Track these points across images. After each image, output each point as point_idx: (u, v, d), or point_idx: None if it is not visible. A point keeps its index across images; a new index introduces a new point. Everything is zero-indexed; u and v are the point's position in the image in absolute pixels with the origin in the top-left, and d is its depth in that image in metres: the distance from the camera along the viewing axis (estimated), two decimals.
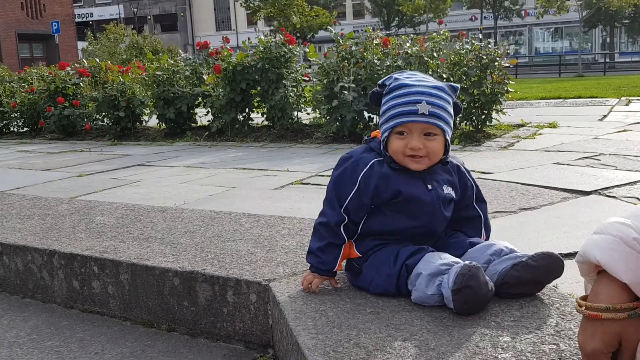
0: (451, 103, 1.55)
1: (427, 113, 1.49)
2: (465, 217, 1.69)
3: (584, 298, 1.09)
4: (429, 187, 1.56)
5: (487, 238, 1.71)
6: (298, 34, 32.21)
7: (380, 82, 1.61)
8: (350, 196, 1.56)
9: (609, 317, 1.02)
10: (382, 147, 1.58)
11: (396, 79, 1.56)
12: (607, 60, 32.63)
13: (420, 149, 1.51)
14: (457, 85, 1.58)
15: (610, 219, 1.08)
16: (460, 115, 5.58)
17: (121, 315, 2.10)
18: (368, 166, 1.56)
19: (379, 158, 1.57)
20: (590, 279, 1.10)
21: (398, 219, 1.57)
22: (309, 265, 1.63)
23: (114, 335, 1.96)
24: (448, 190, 1.60)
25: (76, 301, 2.22)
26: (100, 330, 2.01)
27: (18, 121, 9.27)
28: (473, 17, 43.90)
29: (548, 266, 1.46)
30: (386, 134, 1.56)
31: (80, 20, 50.82)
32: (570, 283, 1.72)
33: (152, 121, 7.77)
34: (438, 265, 1.45)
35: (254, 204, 3.14)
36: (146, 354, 1.81)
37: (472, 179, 1.69)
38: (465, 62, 5.67)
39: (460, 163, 1.67)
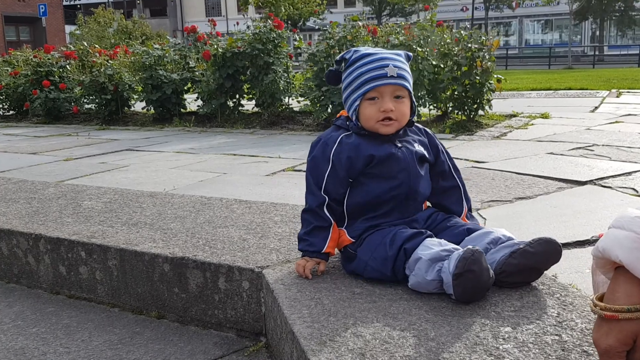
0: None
1: (396, 75, 1.55)
2: (445, 187, 1.70)
3: (600, 298, 1.06)
4: (399, 145, 1.60)
5: (470, 209, 1.73)
6: (289, 22, 31.98)
7: (338, 57, 1.65)
8: (326, 175, 1.58)
9: (626, 317, 0.99)
10: (353, 118, 1.61)
11: (356, 50, 1.62)
12: (597, 52, 32.75)
13: (393, 111, 1.55)
14: (410, 54, 1.64)
15: (630, 211, 1.04)
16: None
17: (109, 301, 2.05)
18: (337, 142, 1.60)
19: (346, 132, 1.61)
20: (605, 271, 1.06)
21: (377, 184, 1.58)
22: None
23: (102, 321, 1.91)
24: (419, 148, 1.63)
25: (62, 287, 2.17)
26: (87, 317, 1.95)
27: (4, 104, 9.11)
28: (464, 8, 43.82)
29: (546, 252, 1.43)
30: (357, 102, 1.58)
31: (68, 3, 50.13)
32: (570, 273, 1.69)
33: (140, 106, 7.67)
34: (439, 251, 1.42)
35: (246, 190, 3.09)
36: (135, 341, 1.76)
37: (441, 143, 1.74)
38: (455, 53, 5.64)
39: (425, 127, 1.73)
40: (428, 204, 1.72)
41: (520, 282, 1.47)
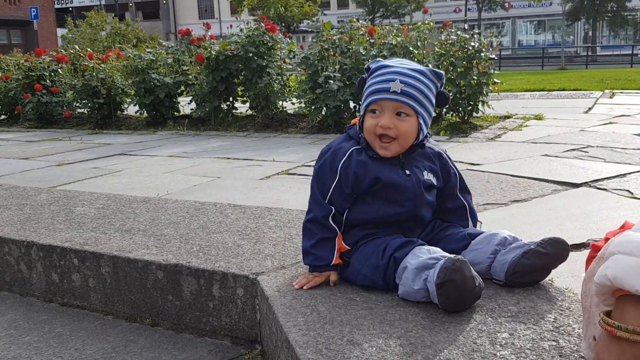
0: (433, 90, 1.54)
1: (399, 91, 1.48)
2: (450, 208, 1.67)
3: (607, 314, 1.02)
4: (407, 172, 1.55)
5: (475, 227, 1.70)
6: (283, 24, 31.97)
7: (367, 65, 1.61)
8: (332, 187, 1.54)
9: (625, 337, 0.96)
10: (358, 128, 1.57)
11: (378, 61, 1.58)
12: (589, 53, 32.87)
13: (390, 129, 1.49)
14: (441, 72, 1.55)
15: (632, 234, 0.99)
16: (447, 105, 5.55)
17: (103, 309, 2.03)
18: (347, 155, 1.54)
19: (357, 146, 1.56)
20: (606, 298, 1.01)
21: (380, 207, 1.55)
22: (300, 259, 1.60)
23: (95, 330, 1.89)
24: (428, 177, 1.58)
25: (55, 294, 2.15)
26: (80, 325, 1.93)
27: None
28: (457, 9, 43.95)
29: (557, 252, 1.46)
30: (362, 113, 1.56)
31: (59, 6, 49.99)
32: (566, 277, 1.69)
33: (133, 109, 7.63)
34: (425, 259, 1.41)
35: (240, 195, 3.07)
36: (129, 349, 1.74)
37: (455, 167, 1.68)
38: (451, 53, 5.64)
39: (442, 150, 1.66)
40: None
41: (531, 282, 1.50)
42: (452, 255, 1.38)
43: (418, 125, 1.53)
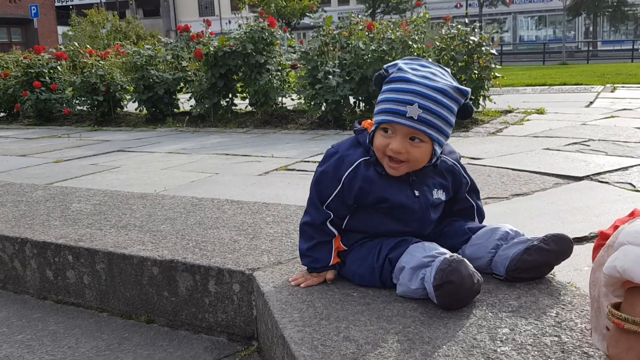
0: (455, 110, 1.41)
1: (416, 118, 1.35)
2: (457, 209, 1.63)
3: (616, 306, 1.00)
4: (416, 193, 1.46)
5: (481, 222, 1.65)
6: (283, 21, 31.89)
7: (385, 66, 1.46)
8: (332, 195, 1.47)
9: (633, 330, 0.94)
10: (368, 141, 1.46)
11: (400, 69, 1.41)
12: (590, 48, 32.77)
13: (401, 154, 1.39)
14: (466, 90, 1.41)
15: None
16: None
17: (97, 306, 2.00)
18: (353, 166, 1.45)
19: (365, 157, 1.46)
20: (615, 289, 0.99)
21: (384, 222, 1.49)
22: (297, 255, 1.57)
23: (90, 327, 1.87)
24: (438, 195, 1.51)
25: (50, 292, 2.12)
26: (74, 323, 1.90)
27: None
28: (458, 5, 43.84)
29: (560, 249, 1.43)
30: (374, 127, 1.44)
31: (60, 4, 49.94)
32: (568, 271, 1.66)
33: (133, 106, 7.59)
34: (421, 258, 1.38)
35: (238, 191, 3.04)
36: (123, 347, 1.72)
37: (467, 175, 1.59)
38: (452, 47, 5.60)
39: (455, 162, 1.55)
40: None
41: (532, 278, 1.46)
42: (447, 255, 1.35)
43: (432, 151, 1.42)
